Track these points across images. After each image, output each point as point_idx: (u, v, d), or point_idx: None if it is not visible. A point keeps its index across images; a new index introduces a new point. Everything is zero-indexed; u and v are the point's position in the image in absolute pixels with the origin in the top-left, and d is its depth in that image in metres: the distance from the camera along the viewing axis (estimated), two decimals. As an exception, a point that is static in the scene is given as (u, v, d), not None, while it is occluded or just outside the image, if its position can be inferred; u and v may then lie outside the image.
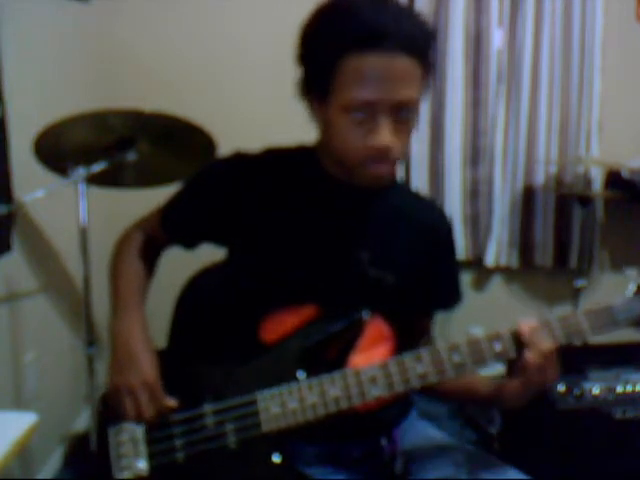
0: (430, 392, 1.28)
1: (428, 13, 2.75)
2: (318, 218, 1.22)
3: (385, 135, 1.07)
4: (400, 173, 2.87)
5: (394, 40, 1.03)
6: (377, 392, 1.10)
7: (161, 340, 1.31)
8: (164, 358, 1.22)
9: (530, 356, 1.07)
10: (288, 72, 1.16)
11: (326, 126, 1.15)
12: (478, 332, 1.11)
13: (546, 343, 1.07)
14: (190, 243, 1.32)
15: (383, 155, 1.09)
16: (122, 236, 1.36)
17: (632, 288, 1.08)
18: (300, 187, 1.23)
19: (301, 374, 1.13)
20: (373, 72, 1.04)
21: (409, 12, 1.11)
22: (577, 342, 1.08)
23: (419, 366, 1.09)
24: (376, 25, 1.03)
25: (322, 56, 1.08)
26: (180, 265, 1.42)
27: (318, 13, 1.10)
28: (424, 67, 1.09)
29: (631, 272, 1.08)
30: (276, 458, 1.11)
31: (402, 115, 1.08)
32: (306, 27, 1.11)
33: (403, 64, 1.05)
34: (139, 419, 1.13)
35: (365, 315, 1.16)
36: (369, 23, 1.04)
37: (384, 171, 1.13)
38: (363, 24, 1.04)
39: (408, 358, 1.10)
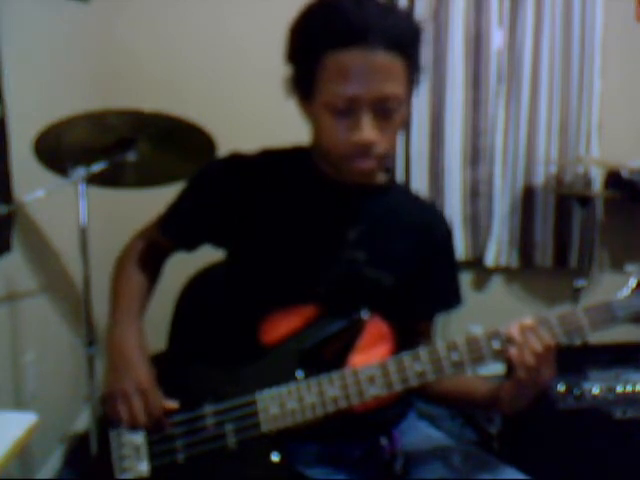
0: (429, 396, 1.29)
1: (428, 13, 2.75)
2: (314, 218, 1.22)
3: (367, 131, 1.07)
4: (400, 173, 2.87)
5: (375, 35, 1.03)
6: (375, 391, 1.10)
7: (161, 341, 1.31)
8: (164, 359, 1.23)
9: (516, 355, 1.07)
10: (288, 71, 1.16)
11: (313, 123, 1.16)
12: (478, 330, 1.10)
13: (538, 343, 1.06)
14: (190, 245, 1.33)
15: (366, 150, 1.09)
16: (123, 248, 1.36)
17: (632, 284, 1.08)
18: (296, 187, 1.23)
19: (300, 374, 1.13)
20: (354, 68, 1.04)
21: (392, 8, 1.11)
22: (577, 339, 1.08)
23: (417, 365, 1.09)
24: (357, 21, 1.04)
25: (305, 54, 1.09)
26: (180, 266, 1.42)
27: (303, 12, 1.11)
28: (408, 63, 1.08)
29: (632, 268, 1.08)
30: (275, 457, 1.11)
31: (386, 111, 1.07)
32: (292, 25, 1.12)
33: (385, 59, 1.05)
34: (133, 425, 1.13)
35: (365, 315, 1.16)
36: (350, 19, 1.04)
37: (368, 166, 1.12)
38: (344, 20, 1.04)
39: (406, 357, 1.10)
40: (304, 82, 1.11)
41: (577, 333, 1.07)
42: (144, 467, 1.13)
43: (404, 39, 1.07)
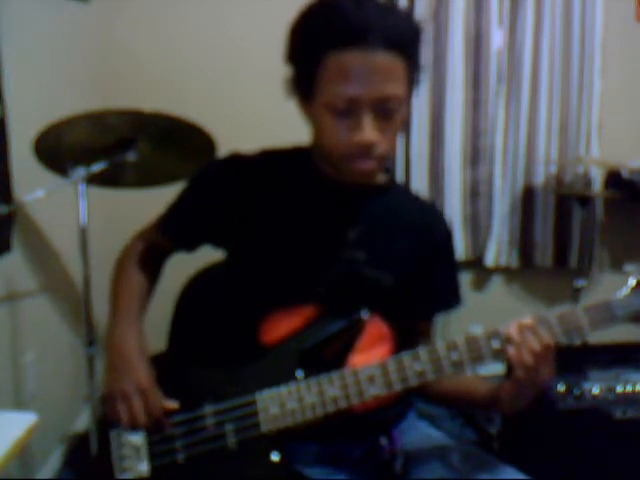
0: (428, 396, 1.29)
1: (428, 13, 2.75)
2: (314, 218, 1.22)
3: (368, 131, 1.07)
4: (400, 173, 2.87)
5: (375, 36, 1.03)
6: (375, 391, 1.10)
7: (161, 341, 1.31)
8: (164, 360, 1.23)
9: (514, 354, 1.06)
10: (288, 72, 1.16)
11: (313, 123, 1.16)
12: (478, 331, 1.10)
13: (537, 342, 1.05)
14: (190, 246, 1.33)
15: (367, 151, 1.09)
16: (123, 248, 1.36)
17: (631, 283, 1.08)
18: (296, 188, 1.23)
19: (300, 374, 1.13)
20: (355, 68, 1.04)
21: (392, 8, 1.11)
22: (576, 339, 1.08)
23: (417, 364, 1.09)
24: (357, 22, 1.04)
25: (306, 54, 1.09)
26: (179, 266, 1.42)
27: (303, 12, 1.11)
28: (409, 63, 1.09)
29: (631, 267, 1.07)
30: (275, 457, 1.11)
31: (387, 111, 1.08)
32: (292, 26, 1.12)
33: (385, 60, 1.05)
34: (133, 425, 1.13)
35: (364, 315, 1.16)
36: (350, 20, 1.04)
37: (369, 167, 1.13)
38: (345, 21, 1.04)
39: (406, 357, 1.10)
40: (304, 83, 1.11)
41: (577, 332, 1.07)
42: (144, 467, 1.13)
43: (404, 39, 1.08)
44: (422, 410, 1.40)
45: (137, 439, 1.14)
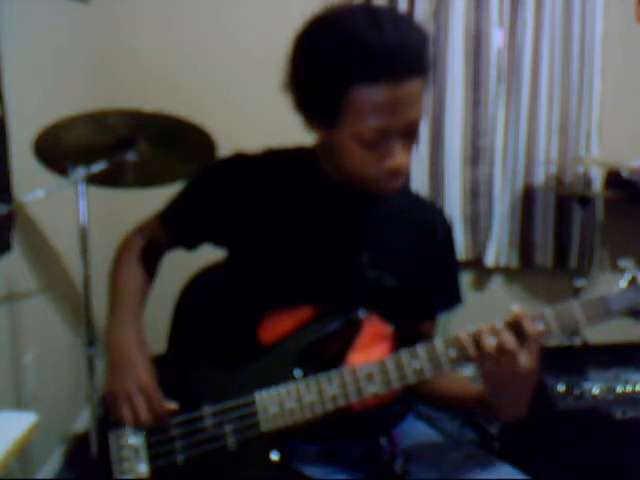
0: (425, 399, 1.29)
1: (428, 13, 2.75)
2: (317, 219, 1.22)
3: (400, 156, 1.08)
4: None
5: (402, 66, 1.02)
6: (374, 389, 1.10)
7: (160, 341, 1.31)
8: (163, 360, 1.23)
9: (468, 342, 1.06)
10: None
11: (334, 147, 1.13)
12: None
13: (509, 336, 1.05)
14: (191, 244, 1.33)
15: (398, 173, 1.11)
16: (122, 242, 1.36)
17: (626, 279, 1.08)
18: (299, 188, 1.23)
19: (299, 373, 1.13)
20: (385, 100, 1.03)
21: (405, 23, 1.07)
22: (572, 333, 1.08)
23: (415, 362, 1.09)
24: (383, 52, 1.00)
25: (327, 85, 1.05)
26: (180, 266, 1.42)
27: (315, 38, 1.06)
28: (426, 79, 1.08)
29: (626, 263, 1.08)
30: (274, 456, 1.11)
31: (412, 132, 1.09)
32: (303, 49, 1.08)
33: (412, 87, 1.04)
34: (137, 424, 1.13)
35: (362, 314, 1.16)
36: (376, 50, 1.00)
37: (398, 185, 1.14)
38: (370, 52, 1.00)
39: (404, 354, 1.10)
40: (325, 113, 1.08)
41: (573, 327, 1.07)
42: (143, 468, 1.13)
43: (425, 60, 1.06)
44: (421, 410, 1.40)
45: (136, 440, 1.14)
